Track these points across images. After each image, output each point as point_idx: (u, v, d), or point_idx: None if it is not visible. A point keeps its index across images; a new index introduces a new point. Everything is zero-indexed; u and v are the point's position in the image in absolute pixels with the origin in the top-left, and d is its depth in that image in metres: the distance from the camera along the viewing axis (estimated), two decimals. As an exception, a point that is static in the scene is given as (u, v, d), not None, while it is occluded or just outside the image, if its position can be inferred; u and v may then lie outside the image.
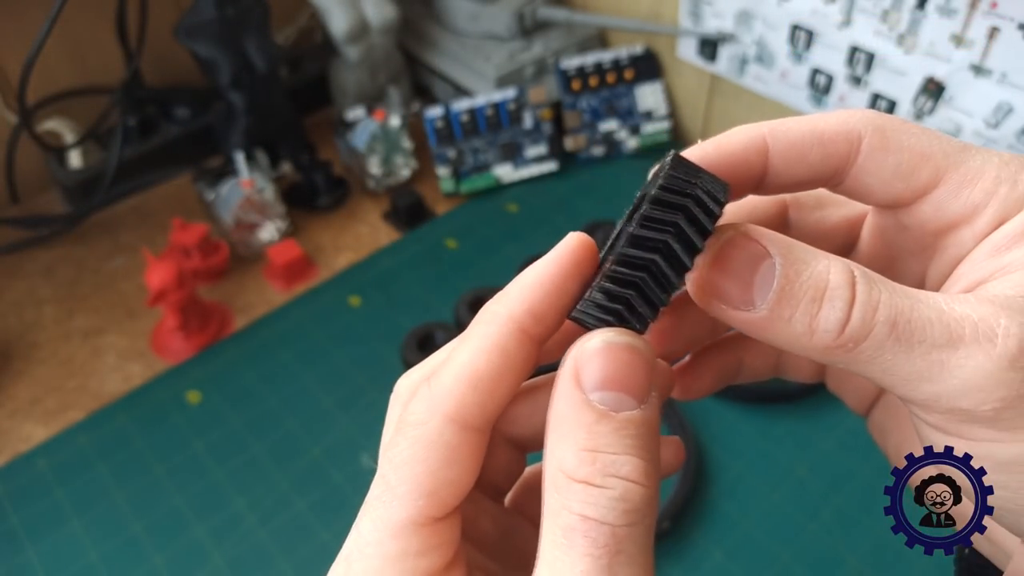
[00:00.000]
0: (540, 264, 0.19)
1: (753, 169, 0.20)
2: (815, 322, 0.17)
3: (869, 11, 0.57)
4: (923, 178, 0.19)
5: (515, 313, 0.19)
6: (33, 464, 0.52)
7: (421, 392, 0.19)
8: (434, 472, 0.18)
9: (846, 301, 0.17)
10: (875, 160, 0.19)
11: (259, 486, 0.51)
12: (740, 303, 0.18)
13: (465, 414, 0.18)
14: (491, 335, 0.19)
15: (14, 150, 0.69)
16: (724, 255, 0.18)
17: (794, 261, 0.17)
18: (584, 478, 0.17)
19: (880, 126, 0.19)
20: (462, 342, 0.19)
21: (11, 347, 0.61)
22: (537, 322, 0.19)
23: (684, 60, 0.74)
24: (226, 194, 0.65)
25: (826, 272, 0.17)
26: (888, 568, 0.46)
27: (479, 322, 0.19)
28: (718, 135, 0.20)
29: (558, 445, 0.17)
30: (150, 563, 0.47)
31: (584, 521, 0.16)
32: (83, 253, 0.69)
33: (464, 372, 0.19)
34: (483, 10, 0.76)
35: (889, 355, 0.17)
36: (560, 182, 0.74)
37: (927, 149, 0.19)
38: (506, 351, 0.19)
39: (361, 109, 0.72)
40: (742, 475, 0.50)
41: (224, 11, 0.63)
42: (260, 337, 0.61)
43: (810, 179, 0.20)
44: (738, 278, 0.18)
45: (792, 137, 0.20)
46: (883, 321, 0.17)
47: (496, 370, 0.19)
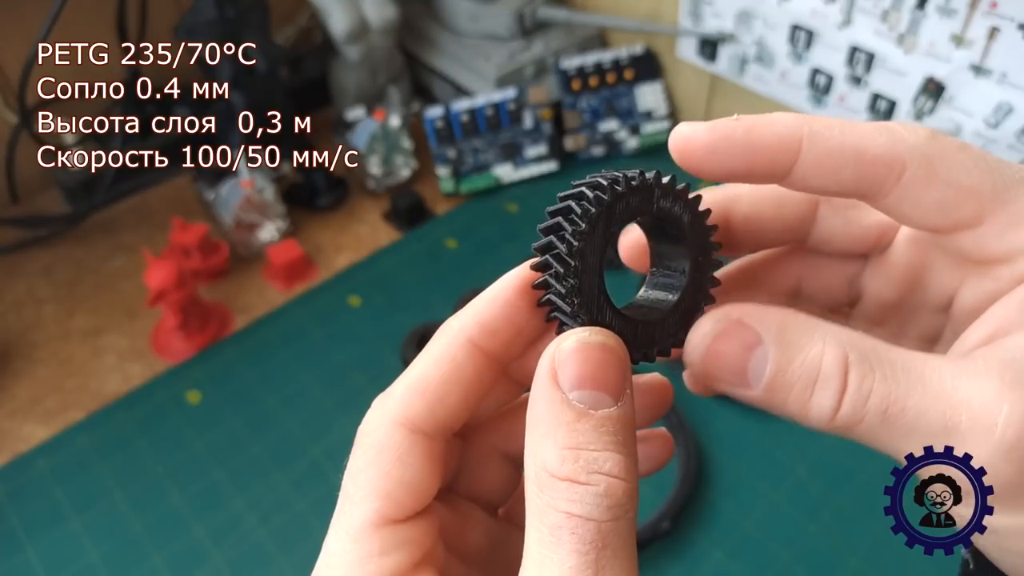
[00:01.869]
0: (497, 282, 0.21)
1: (778, 168, 0.19)
2: (808, 408, 0.18)
3: (869, 11, 0.57)
4: (965, 215, 0.18)
5: (466, 326, 0.20)
6: (33, 464, 0.52)
7: (375, 404, 0.20)
8: (388, 474, 0.19)
9: (836, 390, 0.17)
10: (916, 191, 0.18)
11: (259, 486, 0.51)
12: (736, 386, 0.18)
13: (413, 418, 0.20)
14: (443, 345, 0.20)
15: (14, 150, 0.69)
16: (716, 349, 0.18)
17: (786, 347, 0.18)
18: (568, 476, 0.17)
19: (929, 156, 0.18)
20: (419, 355, 0.20)
21: (11, 347, 0.61)
22: (489, 336, 0.20)
23: (684, 60, 0.74)
24: (226, 194, 0.65)
25: (819, 358, 0.17)
26: (888, 568, 0.46)
27: (435, 336, 0.21)
28: (755, 117, 0.19)
29: (539, 444, 0.17)
30: (150, 563, 0.47)
31: (570, 518, 0.16)
32: (83, 253, 0.69)
33: (412, 380, 0.20)
34: (483, 10, 0.76)
35: (884, 437, 0.17)
36: (560, 182, 0.74)
37: (976, 185, 0.18)
38: (454, 360, 0.20)
39: (361, 109, 0.72)
40: (742, 475, 0.50)
41: (224, 11, 0.63)
42: (260, 337, 0.61)
43: (838, 192, 0.19)
44: (731, 369, 0.18)
45: (831, 147, 0.19)
46: (874, 410, 0.17)
47: (443, 377, 0.20)
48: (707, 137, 0.20)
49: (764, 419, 0.53)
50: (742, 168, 0.20)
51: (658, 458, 0.24)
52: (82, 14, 0.66)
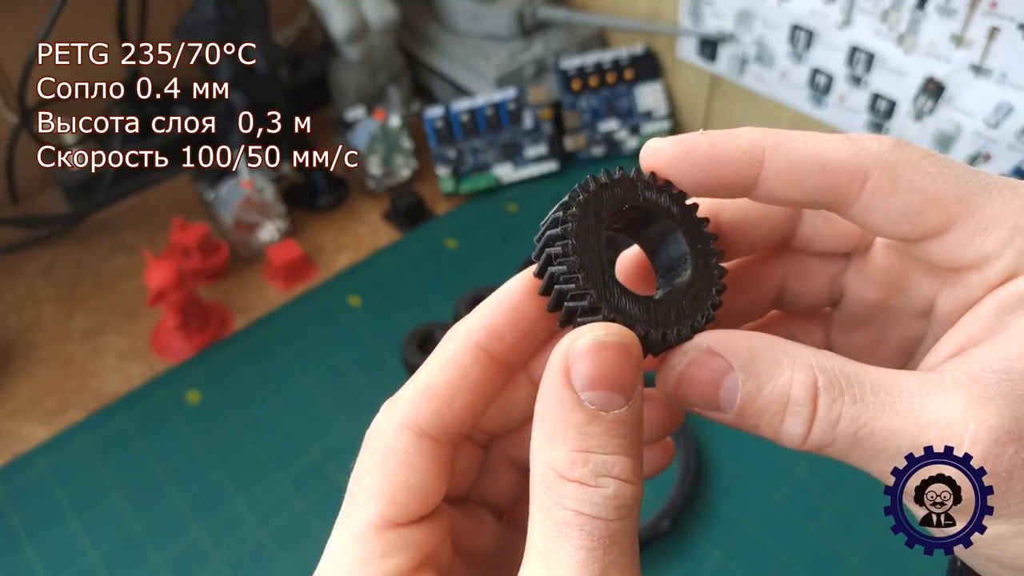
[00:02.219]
0: (502, 287, 0.21)
1: (741, 179, 0.19)
2: (778, 433, 0.18)
3: (869, 11, 0.57)
4: (931, 222, 0.18)
5: (472, 330, 0.20)
6: (33, 464, 0.52)
7: (383, 409, 0.20)
8: (391, 476, 0.19)
9: (805, 418, 0.17)
10: (880, 200, 0.18)
11: (259, 486, 0.51)
12: (708, 409, 0.19)
13: (420, 422, 0.20)
14: (449, 351, 0.20)
15: (14, 150, 0.69)
16: (688, 377, 0.19)
17: (756, 375, 0.18)
18: (577, 478, 0.17)
19: (892, 164, 0.18)
20: (426, 360, 0.21)
21: (11, 347, 0.61)
22: (495, 340, 0.20)
23: (684, 60, 0.74)
24: (226, 194, 0.65)
25: (788, 385, 0.18)
26: (888, 568, 0.46)
27: (442, 341, 0.21)
28: (720, 131, 0.20)
29: (548, 444, 0.17)
30: (150, 563, 0.47)
31: (579, 516, 0.17)
32: (83, 253, 0.69)
33: (420, 385, 0.20)
34: (483, 10, 0.76)
35: (855, 459, 0.18)
36: (560, 182, 0.74)
37: (940, 192, 0.18)
38: (461, 365, 0.20)
39: (361, 109, 0.72)
40: (742, 475, 0.50)
41: (224, 11, 0.63)
42: (260, 337, 0.61)
43: (804, 202, 0.20)
44: (703, 395, 0.19)
45: (793, 158, 0.19)
46: (844, 434, 0.17)
47: (450, 381, 0.20)
48: (673, 150, 0.20)
49: (764, 419, 0.53)
50: (708, 180, 0.20)
51: (658, 463, 0.24)
52: (82, 14, 0.66)
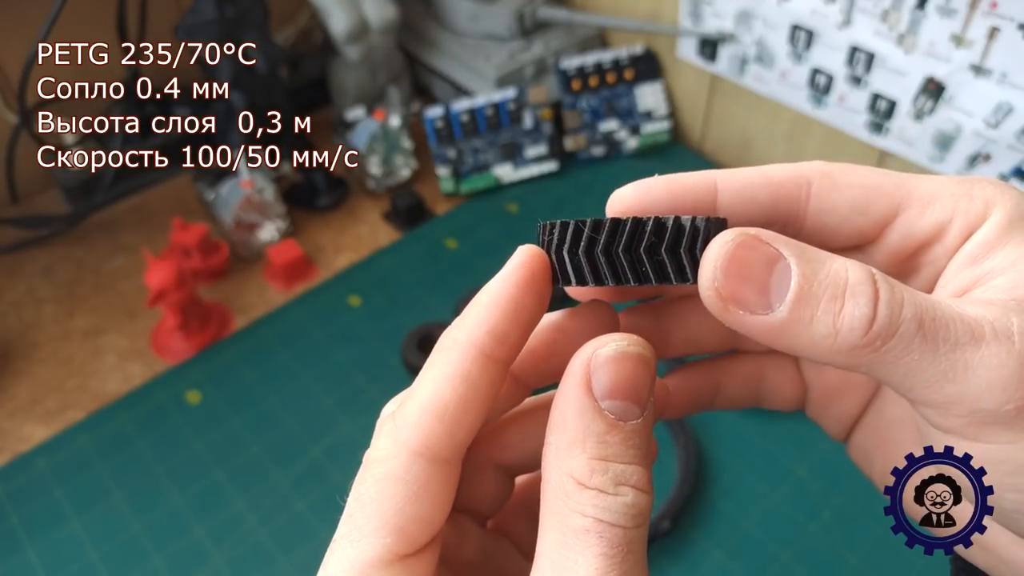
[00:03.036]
0: (495, 283, 0.19)
1: (701, 203, 0.20)
2: (839, 320, 0.16)
3: (869, 11, 0.57)
4: (880, 208, 0.20)
5: (476, 337, 0.19)
6: (33, 464, 0.52)
7: (386, 427, 0.19)
8: (401, 509, 0.18)
9: (869, 297, 0.16)
10: (828, 199, 0.20)
11: (259, 486, 0.51)
12: (757, 306, 0.17)
13: (433, 447, 0.18)
14: (453, 362, 0.19)
15: (14, 150, 0.69)
16: (737, 257, 0.17)
17: (809, 260, 0.17)
18: (597, 486, 0.17)
19: (827, 171, 0.20)
20: (425, 371, 0.19)
21: (11, 347, 0.61)
22: (500, 343, 0.19)
23: (684, 60, 0.74)
24: (226, 194, 0.65)
25: (844, 269, 0.17)
26: (888, 568, 0.46)
27: (440, 350, 0.19)
28: (673, 174, 0.21)
29: (567, 451, 0.17)
30: (150, 563, 0.47)
31: (598, 523, 0.17)
32: (83, 253, 0.69)
33: (429, 404, 0.18)
34: (483, 10, 0.76)
35: (916, 355, 0.16)
36: (560, 182, 0.74)
37: (875, 182, 0.20)
38: (470, 378, 0.18)
39: (361, 109, 0.72)
40: (742, 475, 0.50)
41: (224, 11, 0.63)
42: (260, 337, 0.61)
43: (764, 220, 0.20)
44: (753, 280, 0.17)
45: (742, 179, 0.20)
46: (910, 318, 0.16)
47: (462, 399, 0.18)
48: (634, 193, 0.21)
49: (764, 419, 0.53)
50: (670, 210, 0.21)
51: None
52: (82, 14, 0.66)
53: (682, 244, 0.18)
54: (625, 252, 0.19)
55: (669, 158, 0.76)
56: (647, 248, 0.18)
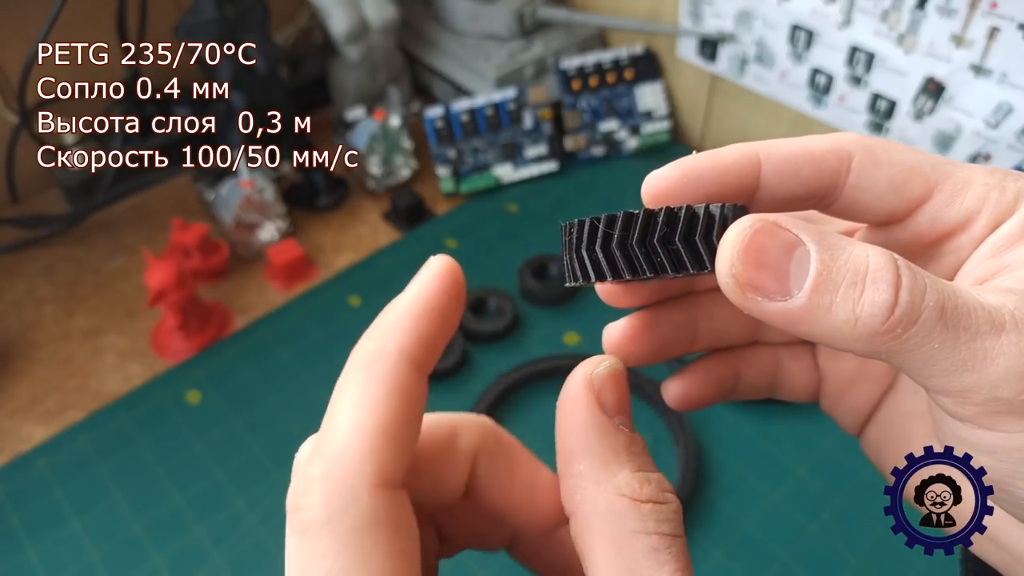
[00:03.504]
0: (420, 291, 0.18)
1: (746, 181, 0.20)
2: (859, 307, 0.16)
3: (869, 11, 0.57)
4: (916, 190, 0.19)
5: (407, 347, 0.17)
6: (33, 464, 0.52)
7: (318, 475, 0.16)
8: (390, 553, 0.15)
9: (891, 283, 0.16)
10: (868, 175, 0.20)
11: (259, 486, 0.51)
12: (776, 293, 0.17)
13: (390, 474, 0.16)
14: (386, 375, 0.17)
15: (14, 150, 0.69)
16: (755, 244, 0.17)
17: (829, 246, 0.17)
18: (650, 497, 0.17)
19: (868, 145, 0.20)
20: (349, 392, 0.17)
21: (11, 347, 0.61)
22: (431, 353, 0.17)
23: (684, 60, 0.74)
24: (226, 194, 0.65)
25: (864, 255, 0.16)
26: (888, 568, 0.46)
27: (362, 366, 0.17)
28: (712, 149, 0.21)
29: (605, 472, 0.17)
30: (150, 563, 0.47)
31: (663, 539, 0.16)
32: (83, 253, 0.69)
33: (373, 429, 0.16)
34: (483, 10, 0.76)
35: (936, 343, 0.16)
36: (560, 182, 0.74)
37: (915, 163, 0.19)
38: (408, 391, 0.17)
39: (361, 109, 0.72)
40: (742, 475, 0.50)
41: (224, 11, 0.63)
42: (260, 337, 0.61)
43: (804, 195, 0.20)
44: (772, 267, 0.17)
45: (785, 153, 0.20)
46: (932, 305, 0.16)
47: (407, 415, 0.16)
48: (675, 172, 0.20)
49: (764, 419, 0.53)
50: (715, 189, 0.20)
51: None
52: (82, 14, 0.66)
53: (697, 232, 0.18)
54: (639, 244, 0.19)
55: (669, 158, 0.75)
56: (661, 239, 0.18)
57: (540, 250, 0.65)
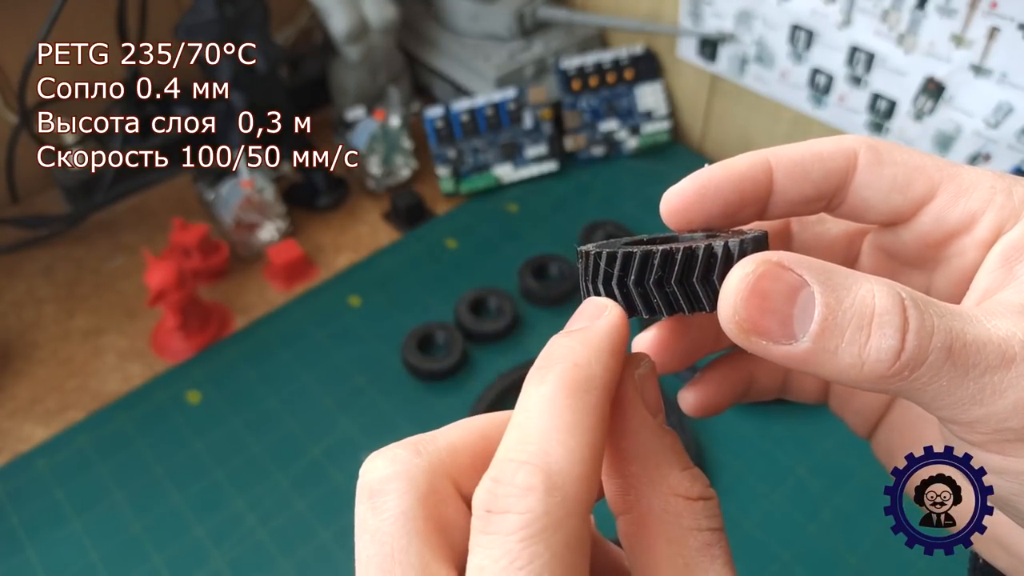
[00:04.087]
0: (610, 329, 0.18)
1: (760, 186, 0.20)
2: (865, 352, 0.16)
3: (869, 11, 0.57)
4: (920, 189, 0.20)
5: (608, 382, 0.17)
6: (33, 464, 0.52)
7: (527, 478, 0.15)
8: None
9: (897, 328, 0.16)
10: (872, 173, 0.20)
11: (259, 486, 0.51)
12: (780, 337, 0.16)
13: (589, 503, 0.16)
14: (598, 408, 0.17)
15: (14, 150, 0.69)
16: (759, 288, 0.17)
17: (834, 288, 0.16)
18: (699, 495, 0.17)
19: (873, 145, 0.20)
20: (555, 409, 0.16)
21: (11, 347, 0.61)
22: (611, 391, 0.18)
23: (684, 60, 0.74)
24: (226, 194, 0.65)
25: (871, 296, 0.16)
26: (888, 568, 0.46)
27: (575, 387, 0.17)
28: (724, 160, 0.21)
29: (657, 473, 0.18)
30: (150, 563, 0.47)
31: (714, 534, 0.17)
32: (83, 253, 0.69)
33: (590, 451, 0.16)
34: (483, 10, 0.76)
35: (944, 381, 0.16)
36: (560, 182, 0.74)
37: (919, 163, 0.20)
38: (606, 426, 0.17)
39: (361, 109, 0.72)
40: (742, 475, 0.50)
41: (224, 11, 0.63)
42: (260, 337, 0.61)
43: (815, 196, 0.21)
44: (776, 311, 0.16)
45: (793, 156, 0.20)
46: (939, 347, 0.16)
47: (601, 449, 0.17)
48: (692, 185, 0.20)
49: (764, 419, 0.53)
50: (734, 197, 0.20)
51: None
52: (82, 14, 0.66)
53: (715, 270, 0.18)
54: (657, 286, 0.19)
55: (669, 158, 0.76)
56: (655, 282, 0.19)
57: (540, 250, 0.65)
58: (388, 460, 0.18)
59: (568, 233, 0.67)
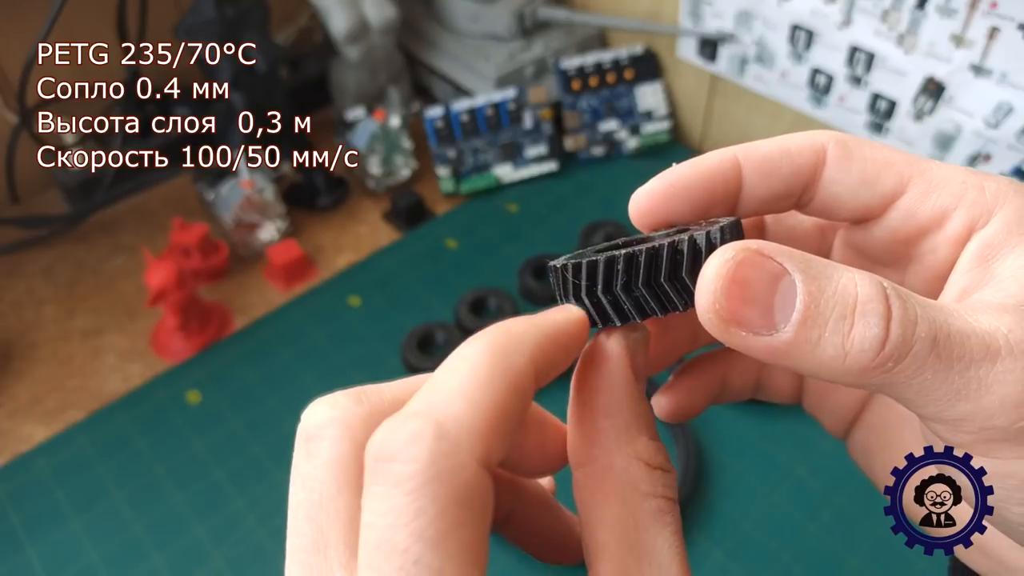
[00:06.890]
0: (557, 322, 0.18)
1: (729, 183, 0.20)
2: (848, 342, 0.15)
3: (869, 11, 0.57)
4: (889, 184, 0.19)
5: (536, 360, 0.17)
6: (33, 464, 0.52)
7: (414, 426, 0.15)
8: (482, 539, 0.15)
9: (881, 316, 0.15)
10: (841, 169, 0.20)
11: (259, 486, 0.51)
12: (761, 327, 0.16)
13: (492, 459, 0.15)
14: (514, 374, 0.16)
15: (14, 150, 0.69)
16: (738, 277, 0.16)
17: (815, 276, 0.16)
18: (659, 465, 0.18)
19: (842, 140, 0.20)
20: (467, 365, 0.16)
21: (11, 347, 0.61)
22: (547, 377, 0.18)
23: (684, 60, 0.74)
24: (226, 194, 0.65)
25: (853, 285, 0.16)
26: (888, 568, 0.46)
27: (493, 352, 0.16)
28: (692, 158, 0.21)
29: (625, 436, 0.18)
30: (150, 563, 0.47)
31: (668, 503, 0.17)
32: (83, 253, 0.69)
33: (493, 407, 0.16)
34: (483, 10, 0.76)
35: (929, 374, 0.15)
36: (560, 182, 0.74)
37: (889, 158, 0.19)
38: (525, 398, 0.17)
39: (361, 109, 0.72)
40: (742, 475, 0.50)
41: (224, 11, 0.63)
42: (260, 337, 0.61)
43: (785, 192, 0.20)
44: (756, 301, 0.16)
45: (762, 152, 0.20)
46: (924, 337, 0.15)
47: (516, 409, 0.16)
48: (661, 185, 0.20)
49: (764, 419, 0.53)
50: (704, 195, 0.20)
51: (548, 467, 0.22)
52: (82, 14, 0.66)
53: (683, 267, 0.18)
54: (624, 290, 0.19)
55: (669, 158, 0.75)
56: (623, 286, 0.18)
57: (540, 250, 0.65)
58: (328, 405, 0.17)
59: (568, 233, 0.67)
